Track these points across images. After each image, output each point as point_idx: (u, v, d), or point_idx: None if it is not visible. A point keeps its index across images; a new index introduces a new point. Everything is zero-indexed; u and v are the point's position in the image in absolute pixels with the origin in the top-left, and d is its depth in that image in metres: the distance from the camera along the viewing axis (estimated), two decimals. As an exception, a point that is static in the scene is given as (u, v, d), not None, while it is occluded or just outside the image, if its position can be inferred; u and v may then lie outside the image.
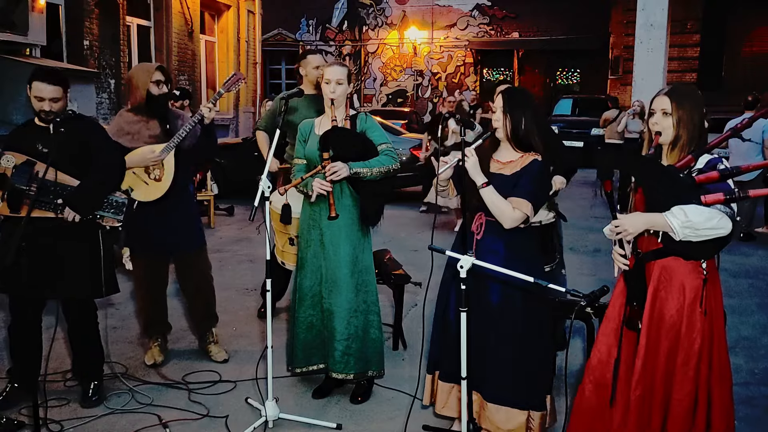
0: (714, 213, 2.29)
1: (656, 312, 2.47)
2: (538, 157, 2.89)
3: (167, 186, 3.79)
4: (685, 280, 2.43)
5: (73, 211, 3.28)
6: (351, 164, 3.32)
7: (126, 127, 3.82)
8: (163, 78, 3.84)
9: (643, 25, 8.84)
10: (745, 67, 16.67)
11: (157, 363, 4.03)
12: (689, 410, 2.44)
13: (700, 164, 2.41)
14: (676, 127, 2.45)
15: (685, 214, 2.30)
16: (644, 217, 2.43)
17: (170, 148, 3.75)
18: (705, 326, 2.42)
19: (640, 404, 2.49)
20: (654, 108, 2.51)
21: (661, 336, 2.46)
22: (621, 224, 2.43)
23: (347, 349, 3.48)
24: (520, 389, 2.90)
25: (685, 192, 2.34)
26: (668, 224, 2.33)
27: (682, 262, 2.44)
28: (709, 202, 2.29)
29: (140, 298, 4.19)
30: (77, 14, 9.64)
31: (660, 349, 2.46)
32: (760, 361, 4.23)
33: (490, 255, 2.80)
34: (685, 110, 2.44)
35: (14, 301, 3.47)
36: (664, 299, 2.46)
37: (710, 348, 2.45)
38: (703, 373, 2.43)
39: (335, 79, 3.41)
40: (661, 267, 2.47)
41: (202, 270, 4.16)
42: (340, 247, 3.46)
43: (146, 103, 3.80)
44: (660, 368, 2.47)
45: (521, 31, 20.09)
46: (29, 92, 3.33)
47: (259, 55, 16.02)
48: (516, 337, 2.89)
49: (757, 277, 6.27)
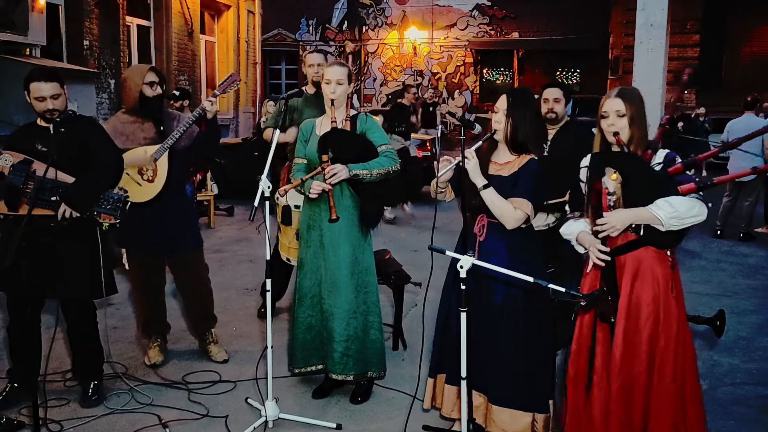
0: (694, 201, 2.46)
1: (633, 302, 2.57)
2: (535, 157, 2.89)
3: (160, 187, 3.78)
4: (655, 269, 2.56)
5: (69, 208, 3.27)
6: (350, 166, 3.32)
7: (120, 128, 3.82)
8: (156, 79, 3.84)
9: (643, 25, 8.83)
10: (745, 67, 16.68)
11: (156, 363, 4.03)
12: (675, 393, 2.55)
13: (659, 158, 2.57)
14: (631, 125, 2.59)
15: (671, 205, 2.44)
16: (629, 212, 2.53)
17: (164, 149, 3.74)
18: (677, 310, 2.56)
19: (621, 395, 2.56)
20: (606, 110, 2.64)
21: (640, 325, 2.55)
22: (608, 221, 2.54)
23: (346, 350, 3.48)
24: (524, 391, 2.90)
25: (664, 185, 2.49)
26: (654, 217, 2.47)
27: (651, 253, 2.57)
28: (684, 192, 2.45)
29: (138, 299, 4.20)
30: (77, 14, 9.63)
31: (641, 338, 2.55)
32: (756, 362, 4.23)
33: (492, 256, 2.80)
34: (636, 109, 2.60)
35: (13, 301, 3.48)
36: (640, 289, 2.56)
37: (684, 330, 2.59)
38: (679, 354, 2.56)
39: (335, 79, 3.41)
40: (632, 259, 2.59)
41: (198, 271, 4.15)
42: (340, 248, 3.46)
43: (140, 104, 3.80)
44: (642, 356, 2.56)
45: (521, 31, 20.09)
46: (28, 97, 3.32)
47: (259, 55, 16.01)
48: (518, 336, 2.89)
49: (754, 278, 6.27)
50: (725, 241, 7.84)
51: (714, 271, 6.52)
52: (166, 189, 3.79)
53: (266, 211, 3.26)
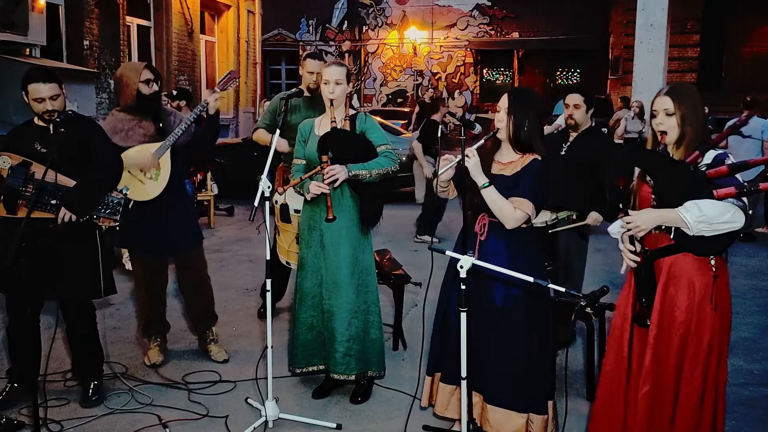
0: (728, 206, 2.32)
1: (666, 309, 2.48)
2: (538, 157, 2.88)
3: (164, 185, 3.77)
4: (694, 277, 2.44)
5: (69, 212, 3.26)
6: (350, 166, 3.32)
7: (119, 126, 3.80)
8: (152, 77, 3.82)
9: (643, 25, 8.84)
10: (745, 67, 16.66)
11: (156, 364, 4.02)
12: (697, 404, 2.46)
13: (707, 160, 2.43)
14: (681, 125, 2.48)
15: (699, 209, 2.31)
16: (656, 212, 2.42)
17: (166, 146, 3.73)
18: (715, 322, 2.44)
19: (649, 400, 2.50)
20: (656, 109, 2.54)
21: (672, 333, 2.47)
22: (633, 220, 2.44)
23: (348, 350, 3.48)
24: (521, 391, 2.89)
25: (697, 187, 2.36)
26: (681, 219, 2.34)
27: (691, 259, 2.45)
28: (721, 196, 2.31)
29: (140, 298, 4.18)
30: (77, 14, 9.64)
31: (671, 346, 2.47)
32: (759, 362, 4.22)
33: (492, 256, 2.80)
34: (687, 108, 2.48)
35: (12, 301, 3.47)
36: (674, 296, 2.47)
37: (720, 343, 2.47)
38: (711, 367, 2.46)
39: (334, 79, 3.40)
40: (669, 264, 2.48)
41: (199, 270, 4.15)
42: (340, 248, 3.46)
43: (137, 102, 3.79)
44: (671, 365, 2.48)
45: (521, 31, 20.08)
46: (26, 98, 3.30)
47: (259, 55, 16.01)
48: (518, 337, 2.88)
49: (758, 278, 6.26)
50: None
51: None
52: (170, 186, 3.79)
53: (266, 211, 3.26)
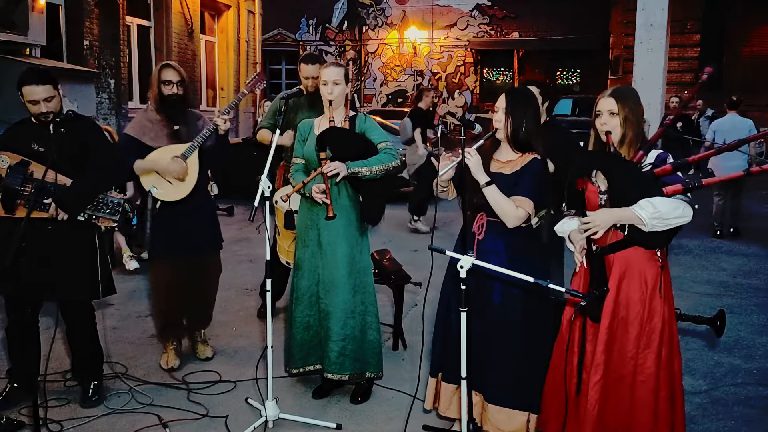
0: (678, 203, 2.46)
1: (621, 302, 2.59)
2: (538, 157, 2.89)
3: (191, 186, 3.77)
4: (643, 269, 2.58)
5: (61, 210, 3.25)
6: (350, 164, 3.32)
7: (146, 123, 3.83)
8: (173, 78, 3.78)
9: (643, 25, 8.83)
10: (745, 67, 16.68)
11: (174, 368, 3.95)
12: (653, 390, 2.58)
13: (650, 159, 2.57)
14: (623, 125, 2.61)
15: (653, 206, 2.45)
16: (613, 212, 2.55)
17: (194, 147, 3.74)
18: (665, 309, 2.58)
19: (601, 389, 2.59)
20: (600, 109, 2.67)
21: (629, 324, 2.58)
22: (592, 221, 2.56)
23: (343, 350, 3.47)
24: (521, 390, 2.90)
25: (648, 185, 2.49)
26: (637, 217, 2.47)
27: (640, 253, 2.59)
28: (670, 193, 2.46)
29: (157, 300, 4.08)
30: (77, 14, 9.64)
31: (629, 338, 2.58)
32: (757, 361, 4.23)
33: (491, 255, 2.80)
34: (629, 109, 2.62)
35: (11, 302, 3.46)
36: (627, 289, 2.59)
37: (671, 329, 2.61)
38: (664, 353, 2.58)
39: (332, 80, 3.41)
40: (621, 258, 2.60)
41: (212, 273, 4.15)
42: (337, 247, 3.45)
43: (159, 103, 3.80)
44: (629, 356, 2.58)
45: (521, 31, 20.10)
46: (22, 99, 3.29)
47: (259, 55, 16.01)
48: (517, 337, 2.89)
49: (755, 277, 6.27)
50: (725, 241, 7.85)
51: (714, 270, 6.52)
52: (197, 187, 3.79)
53: (266, 211, 3.26)
